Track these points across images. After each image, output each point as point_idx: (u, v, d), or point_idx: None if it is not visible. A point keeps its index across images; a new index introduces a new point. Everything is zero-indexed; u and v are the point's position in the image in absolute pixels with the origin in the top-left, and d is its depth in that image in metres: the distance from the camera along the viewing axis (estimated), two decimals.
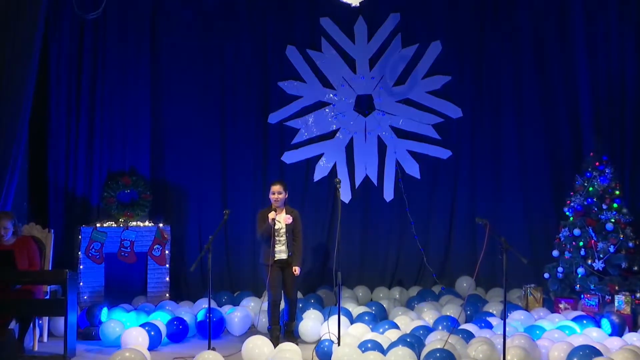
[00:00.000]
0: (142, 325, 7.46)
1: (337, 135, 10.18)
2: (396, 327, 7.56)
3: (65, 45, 9.33)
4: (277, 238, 7.56)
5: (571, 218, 8.90)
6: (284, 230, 7.61)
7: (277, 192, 7.65)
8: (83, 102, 9.40)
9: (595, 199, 8.80)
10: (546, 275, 8.96)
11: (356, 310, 8.40)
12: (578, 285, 8.62)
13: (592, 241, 8.62)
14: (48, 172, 9.34)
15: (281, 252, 7.57)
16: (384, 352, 6.54)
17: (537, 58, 10.12)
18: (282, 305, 7.81)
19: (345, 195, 10.06)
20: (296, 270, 7.62)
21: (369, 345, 6.66)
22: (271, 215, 7.52)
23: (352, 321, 7.98)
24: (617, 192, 8.82)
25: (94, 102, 9.44)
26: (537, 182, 10.09)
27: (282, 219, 7.61)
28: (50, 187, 9.33)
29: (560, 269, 8.77)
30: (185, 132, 9.88)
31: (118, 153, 9.53)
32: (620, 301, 8.08)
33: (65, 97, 9.36)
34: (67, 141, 9.38)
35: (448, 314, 8.11)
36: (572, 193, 9.04)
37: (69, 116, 9.38)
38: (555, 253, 8.93)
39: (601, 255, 8.56)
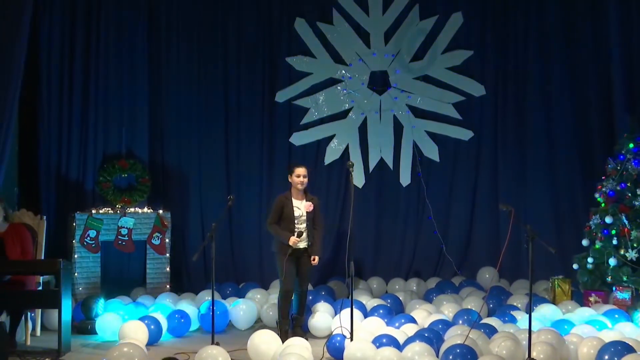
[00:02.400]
0: (141, 319, 7.51)
1: (350, 115, 10.18)
2: (413, 321, 7.59)
3: (57, 17, 9.34)
4: (297, 226, 7.58)
5: (603, 204, 8.87)
6: (304, 217, 7.62)
7: (302, 175, 7.61)
8: (76, 80, 9.42)
9: (628, 184, 8.76)
10: (575, 266, 8.95)
11: (370, 303, 8.43)
12: (609, 277, 8.61)
13: (625, 229, 8.60)
14: (39, 155, 9.39)
15: (299, 241, 7.58)
16: (399, 347, 6.56)
17: (566, 31, 10.08)
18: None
19: (358, 179, 10.07)
20: (315, 260, 7.64)
21: (384, 340, 6.68)
22: (292, 241, 7.49)
23: (365, 315, 8.01)
24: None
25: (88, 79, 9.46)
26: (565, 165, 10.07)
27: (302, 206, 7.63)
28: (41, 171, 9.38)
29: (590, 260, 8.76)
30: (185, 111, 9.90)
31: (114, 134, 9.56)
32: None
33: (57, 74, 9.38)
34: (59, 121, 9.41)
35: (469, 307, 8.13)
36: (603, 177, 9.01)
37: (61, 94, 9.40)
38: (585, 242, 8.92)
39: (635, 245, 8.54)
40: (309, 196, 7.73)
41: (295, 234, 7.52)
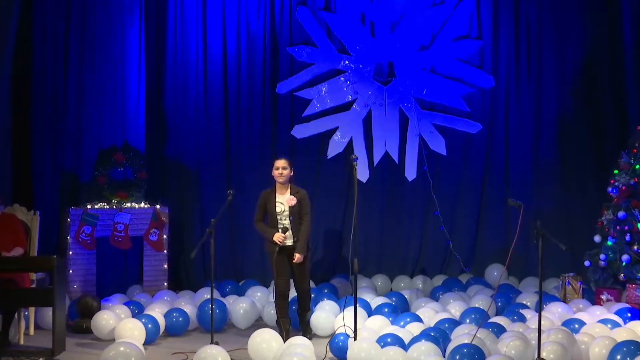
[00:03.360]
0: (138, 317, 7.54)
1: (354, 106, 10.18)
2: (419, 320, 7.60)
3: (51, 3, 9.33)
4: (280, 222, 7.57)
5: (615, 199, 8.87)
6: (286, 213, 7.58)
7: (281, 167, 7.57)
8: (70, 69, 9.41)
9: None
10: (587, 263, 8.94)
11: (374, 301, 8.44)
12: (622, 274, 8.61)
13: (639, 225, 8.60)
14: (32, 148, 9.39)
15: (286, 238, 7.57)
16: (405, 347, 6.57)
17: (580, 19, 10.07)
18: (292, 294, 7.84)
19: (362, 174, 10.07)
20: (297, 257, 7.52)
21: (389, 339, 6.70)
22: (278, 238, 7.47)
23: (369, 313, 8.02)
24: None
25: (82, 69, 9.44)
26: (577, 159, 10.09)
27: (284, 201, 7.60)
28: (34, 164, 9.39)
29: (602, 256, 8.75)
30: (183, 103, 9.90)
31: (109, 126, 9.55)
32: None
33: (51, 64, 9.37)
34: (53, 113, 9.41)
35: (477, 305, 8.14)
36: (616, 171, 9.01)
37: (55, 84, 9.40)
38: (597, 238, 8.91)
39: None
40: (294, 189, 7.69)
41: (280, 230, 7.51)
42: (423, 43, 10.18)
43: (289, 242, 7.56)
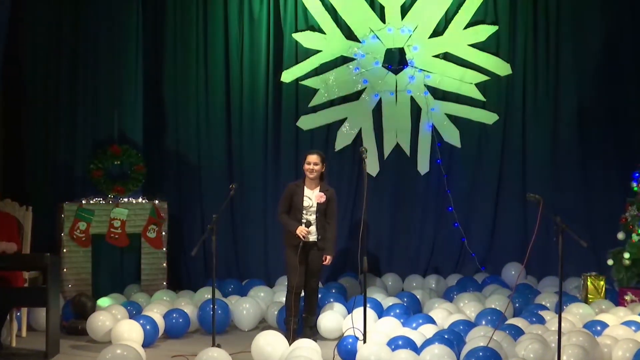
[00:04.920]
0: (136, 318, 7.56)
1: (363, 96, 10.17)
2: (432, 321, 7.61)
3: None
4: (305, 217, 7.61)
5: None
6: (314, 208, 7.63)
7: (313, 162, 7.62)
8: (63, 57, 9.42)
9: None
10: (610, 261, 8.95)
11: (385, 301, 8.46)
12: None
13: None
14: (24, 141, 9.40)
15: (309, 233, 7.60)
16: (417, 350, 6.58)
17: (601, 3, 10.04)
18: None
19: (372, 167, 10.07)
20: (328, 259, 7.66)
21: (400, 342, 6.70)
22: (301, 231, 7.53)
23: (380, 314, 8.03)
24: None
25: (76, 57, 9.44)
26: (599, 151, 10.07)
27: (313, 196, 7.64)
28: (26, 157, 9.41)
29: (626, 255, 8.75)
30: (183, 92, 9.91)
31: (105, 117, 9.56)
32: None
33: (44, 52, 9.38)
34: (46, 103, 9.43)
35: (493, 306, 8.14)
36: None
37: (47, 73, 9.41)
38: (620, 235, 8.91)
39: None
40: (324, 187, 7.73)
41: (304, 223, 7.54)
42: (436, 29, 10.16)
43: (311, 238, 7.60)
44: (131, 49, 9.64)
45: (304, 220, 7.58)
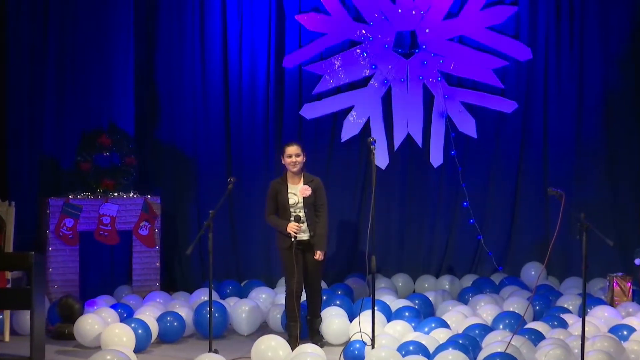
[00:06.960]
0: (127, 322, 7.57)
1: (371, 82, 10.17)
2: (445, 325, 7.62)
3: None
4: (292, 214, 7.61)
5: None
6: (301, 204, 7.64)
7: (294, 154, 7.64)
8: (50, 43, 9.43)
9: None
10: (637, 261, 8.94)
11: (395, 304, 8.46)
12: None
13: None
14: (6, 131, 9.41)
15: (300, 232, 7.60)
16: (429, 356, 6.60)
17: None
18: (303, 297, 7.87)
19: (381, 159, 10.06)
20: (318, 254, 7.66)
21: (411, 348, 6.72)
22: (292, 228, 7.53)
23: (389, 318, 8.04)
24: None
25: (64, 42, 9.45)
26: (626, 142, 10.07)
27: (298, 191, 7.63)
28: (9, 148, 9.42)
29: None
30: (178, 79, 9.91)
31: (93, 105, 9.56)
32: None
33: (28, 37, 9.38)
34: (30, 91, 9.43)
35: (511, 309, 8.14)
36: None
37: (32, 59, 9.41)
38: None
39: None
40: (308, 177, 7.73)
41: (292, 219, 7.54)
42: (450, 10, 10.14)
43: (304, 237, 7.61)
44: (122, 31, 9.63)
45: (291, 218, 7.58)
